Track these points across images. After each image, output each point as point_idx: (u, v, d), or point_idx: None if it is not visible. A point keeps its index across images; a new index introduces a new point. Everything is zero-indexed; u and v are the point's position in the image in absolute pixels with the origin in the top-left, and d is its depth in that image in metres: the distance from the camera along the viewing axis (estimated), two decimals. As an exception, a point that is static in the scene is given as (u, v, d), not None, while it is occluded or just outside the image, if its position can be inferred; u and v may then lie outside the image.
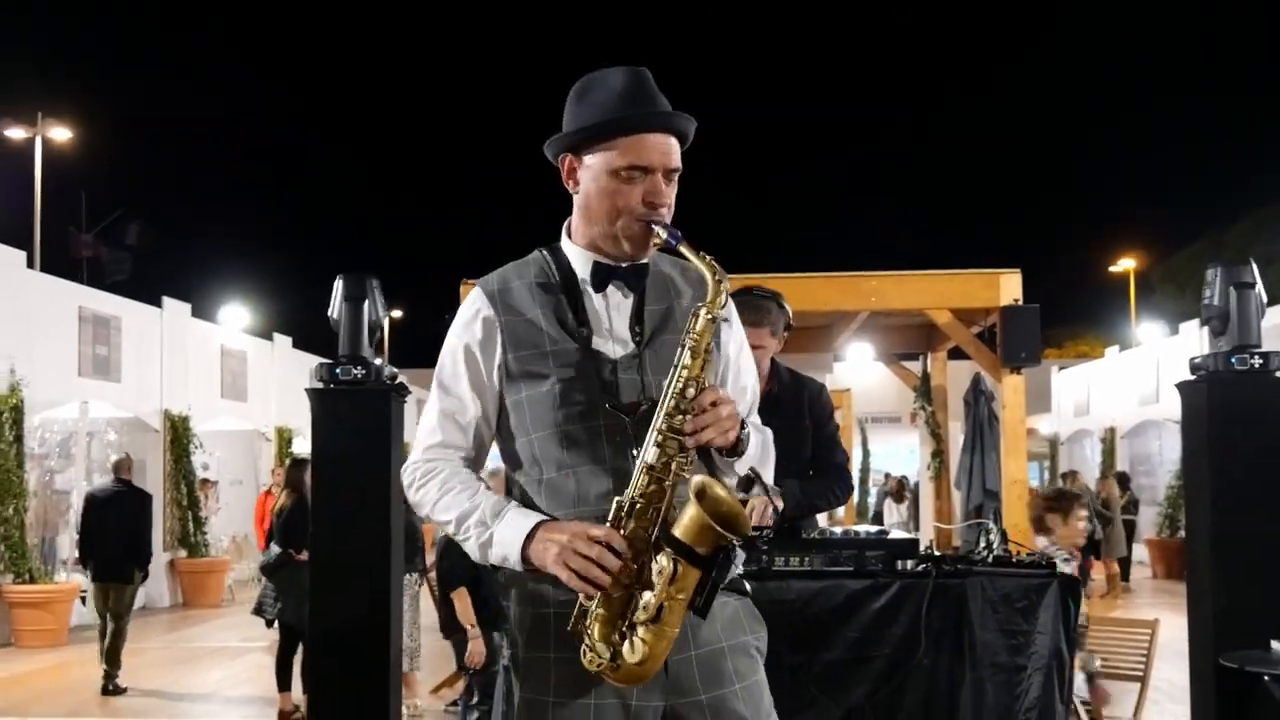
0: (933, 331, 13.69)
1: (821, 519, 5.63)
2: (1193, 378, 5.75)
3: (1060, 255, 66.00)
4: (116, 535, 10.66)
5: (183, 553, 17.79)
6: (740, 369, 2.77)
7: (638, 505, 2.38)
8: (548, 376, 2.52)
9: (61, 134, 25.11)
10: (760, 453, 2.63)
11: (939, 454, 15.13)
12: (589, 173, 2.54)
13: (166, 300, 18.60)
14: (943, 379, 14.89)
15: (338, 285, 5.91)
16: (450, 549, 6.93)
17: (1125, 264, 39.57)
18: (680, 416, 2.38)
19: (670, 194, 2.56)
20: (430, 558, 8.85)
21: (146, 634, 12.80)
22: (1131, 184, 78.20)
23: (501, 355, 2.55)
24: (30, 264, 16.36)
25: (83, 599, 15.21)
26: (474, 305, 2.61)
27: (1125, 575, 19.15)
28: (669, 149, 2.55)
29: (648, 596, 2.35)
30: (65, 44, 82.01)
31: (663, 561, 2.35)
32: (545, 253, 2.66)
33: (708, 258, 2.50)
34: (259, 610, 9.75)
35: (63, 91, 62.18)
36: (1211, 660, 5.24)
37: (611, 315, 2.59)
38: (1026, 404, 11.67)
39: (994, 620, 4.35)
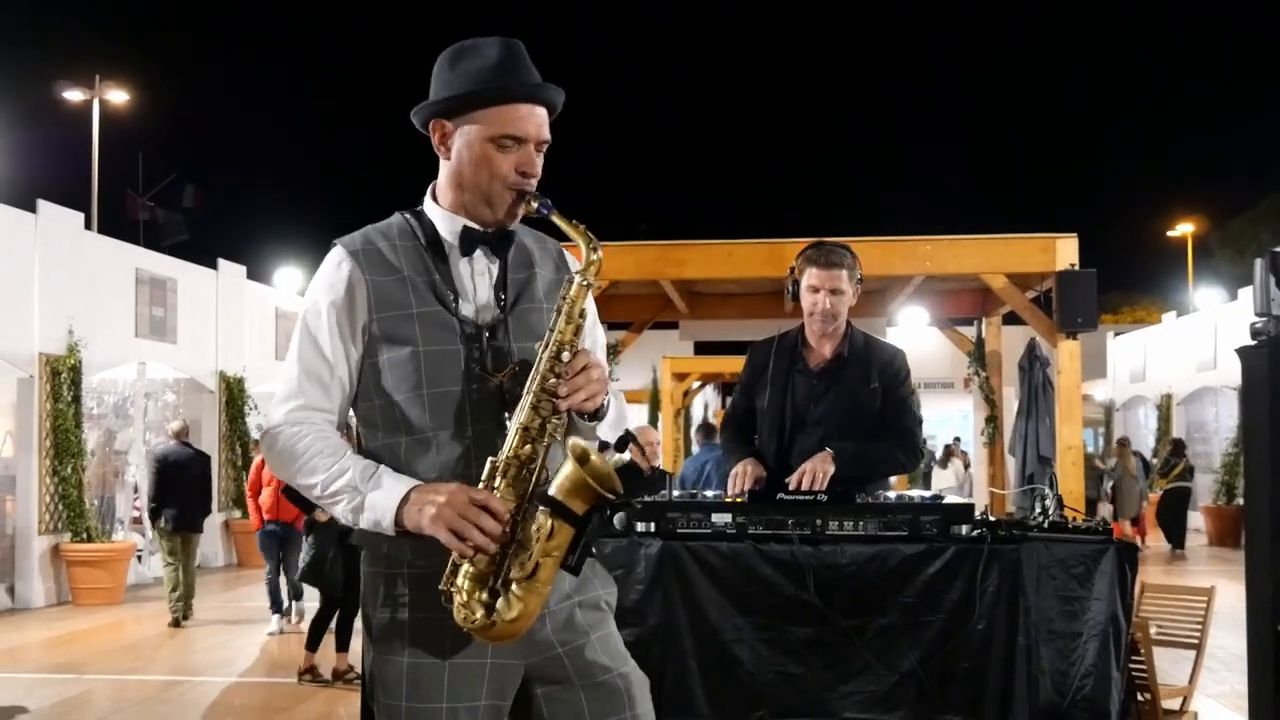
0: (988, 296, 13.63)
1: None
2: (1253, 343, 5.67)
3: (1118, 220, 65.58)
4: (189, 492, 12.24)
5: (237, 513, 17.93)
6: (596, 338, 2.76)
7: (511, 466, 2.39)
8: (413, 339, 2.50)
9: (119, 96, 25.25)
10: (616, 416, 2.64)
11: (993, 419, 15.07)
12: (462, 139, 2.55)
13: (222, 263, 18.75)
14: (997, 344, 14.82)
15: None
16: None
17: (1183, 229, 39.11)
18: (554, 379, 2.41)
19: (539, 164, 2.58)
20: None
21: (201, 594, 12.88)
22: (1191, 148, 77.40)
23: (367, 317, 2.51)
24: (88, 226, 16.51)
25: (139, 557, 15.42)
26: (337, 263, 2.55)
27: (1180, 543, 19.06)
28: (541, 121, 2.57)
29: (523, 554, 2.36)
30: (123, 7, 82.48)
31: (540, 520, 2.36)
32: (408, 215, 2.64)
33: (581, 226, 2.52)
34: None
35: (120, 54, 62.74)
36: (1269, 627, 5.19)
37: (476, 281, 2.58)
38: (1082, 370, 11.60)
39: (1049, 586, 4.32)
